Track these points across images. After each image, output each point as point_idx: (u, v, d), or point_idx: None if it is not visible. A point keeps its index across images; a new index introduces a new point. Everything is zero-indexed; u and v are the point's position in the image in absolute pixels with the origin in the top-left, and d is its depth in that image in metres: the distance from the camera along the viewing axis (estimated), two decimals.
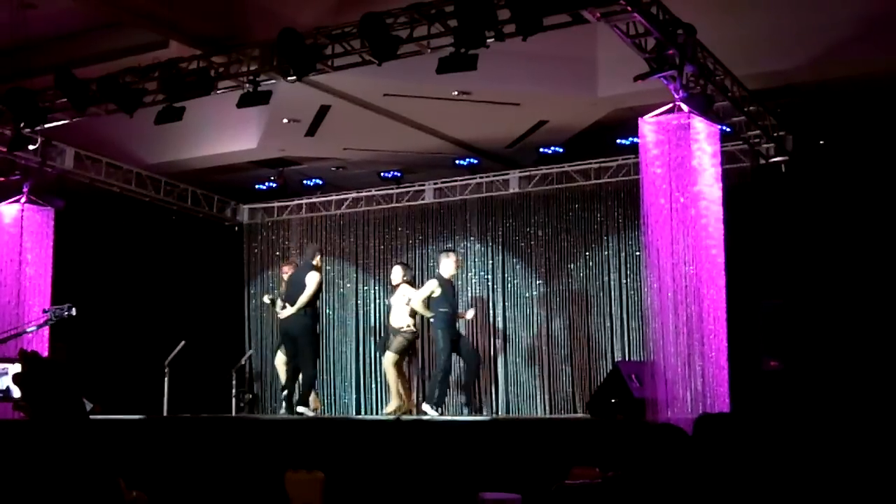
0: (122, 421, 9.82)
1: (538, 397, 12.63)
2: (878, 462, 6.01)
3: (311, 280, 11.05)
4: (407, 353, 11.50)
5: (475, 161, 13.10)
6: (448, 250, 11.58)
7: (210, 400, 12.49)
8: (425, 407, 10.76)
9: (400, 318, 11.20)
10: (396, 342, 11.18)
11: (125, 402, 11.33)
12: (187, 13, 9.67)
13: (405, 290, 11.26)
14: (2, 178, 11.36)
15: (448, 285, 11.07)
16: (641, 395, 8.53)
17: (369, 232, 14.01)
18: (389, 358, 11.24)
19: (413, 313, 11.18)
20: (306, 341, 11.04)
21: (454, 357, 11.20)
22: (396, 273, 11.47)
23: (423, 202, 13.61)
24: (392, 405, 11.18)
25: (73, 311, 9.44)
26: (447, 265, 11.15)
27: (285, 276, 11.93)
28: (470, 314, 11.73)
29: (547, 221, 12.81)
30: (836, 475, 5.60)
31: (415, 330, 11.35)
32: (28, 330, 10.16)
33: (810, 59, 9.79)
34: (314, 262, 11.35)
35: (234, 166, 13.18)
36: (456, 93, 10.73)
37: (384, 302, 13.68)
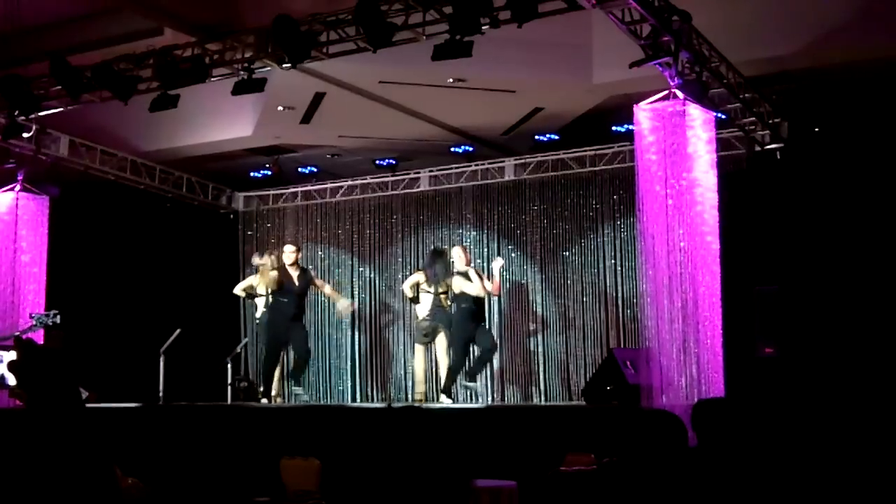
0: (117, 409, 9.83)
1: (533, 384, 12.64)
2: (872, 448, 6.03)
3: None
4: None
5: (470, 148, 13.08)
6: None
7: (206, 388, 12.48)
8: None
9: None
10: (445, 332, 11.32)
11: (121, 390, 11.32)
12: (182, 0, 9.64)
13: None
14: None
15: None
16: (636, 382, 8.55)
17: (364, 220, 13.97)
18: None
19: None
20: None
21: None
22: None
23: (418, 190, 13.58)
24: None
25: (58, 319, 9.52)
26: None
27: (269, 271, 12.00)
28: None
29: (542, 209, 12.79)
30: (830, 461, 5.62)
31: None
32: (15, 335, 10.16)
33: (806, 46, 9.77)
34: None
35: (228, 154, 13.15)
36: (451, 80, 10.71)
37: (379, 289, 13.69)
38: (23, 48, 10.44)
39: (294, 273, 11.38)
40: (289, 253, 11.47)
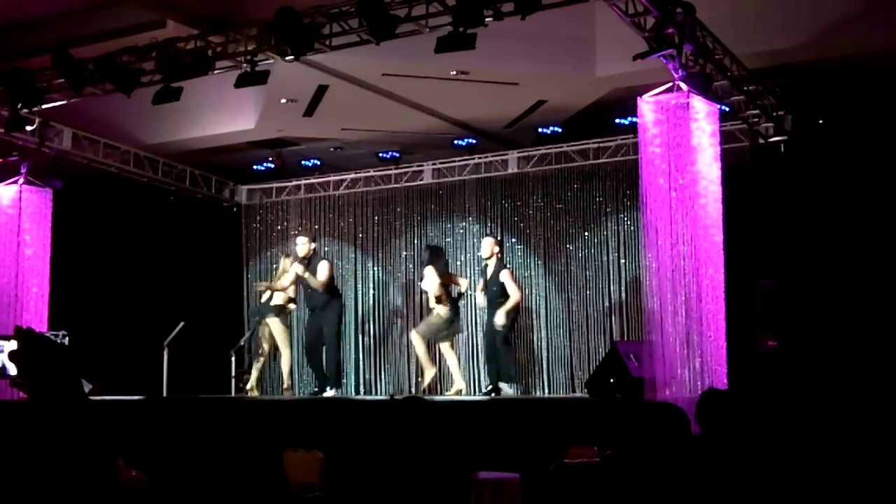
0: (121, 402, 9.84)
1: (536, 377, 12.64)
2: (874, 440, 6.01)
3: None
4: None
5: (474, 141, 13.06)
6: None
7: (209, 380, 12.50)
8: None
9: None
10: None
11: (124, 383, 11.35)
12: None
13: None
14: (0, 160, 11.36)
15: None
16: (640, 375, 8.54)
17: (368, 213, 13.97)
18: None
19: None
20: None
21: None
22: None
23: (421, 182, 13.57)
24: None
25: (66, 340, 9.59)
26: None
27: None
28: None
29: (545, 201, 12.79)
30: (833, 453, 5.61)
31: None
32: (16, 325, 10.20)
33: (810, 38, 9.76)
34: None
35: (231, 147, 13.14)
36: (454, 72, 10.70)
37: (382, 282, 13.69)
38: (25, 41, 10.45)
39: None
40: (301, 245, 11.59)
